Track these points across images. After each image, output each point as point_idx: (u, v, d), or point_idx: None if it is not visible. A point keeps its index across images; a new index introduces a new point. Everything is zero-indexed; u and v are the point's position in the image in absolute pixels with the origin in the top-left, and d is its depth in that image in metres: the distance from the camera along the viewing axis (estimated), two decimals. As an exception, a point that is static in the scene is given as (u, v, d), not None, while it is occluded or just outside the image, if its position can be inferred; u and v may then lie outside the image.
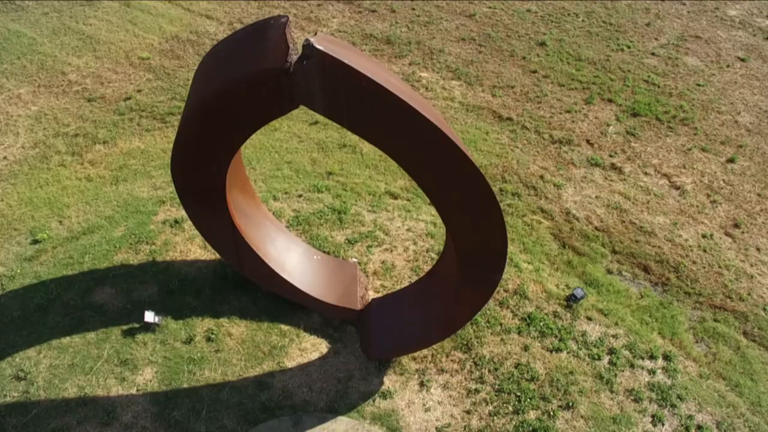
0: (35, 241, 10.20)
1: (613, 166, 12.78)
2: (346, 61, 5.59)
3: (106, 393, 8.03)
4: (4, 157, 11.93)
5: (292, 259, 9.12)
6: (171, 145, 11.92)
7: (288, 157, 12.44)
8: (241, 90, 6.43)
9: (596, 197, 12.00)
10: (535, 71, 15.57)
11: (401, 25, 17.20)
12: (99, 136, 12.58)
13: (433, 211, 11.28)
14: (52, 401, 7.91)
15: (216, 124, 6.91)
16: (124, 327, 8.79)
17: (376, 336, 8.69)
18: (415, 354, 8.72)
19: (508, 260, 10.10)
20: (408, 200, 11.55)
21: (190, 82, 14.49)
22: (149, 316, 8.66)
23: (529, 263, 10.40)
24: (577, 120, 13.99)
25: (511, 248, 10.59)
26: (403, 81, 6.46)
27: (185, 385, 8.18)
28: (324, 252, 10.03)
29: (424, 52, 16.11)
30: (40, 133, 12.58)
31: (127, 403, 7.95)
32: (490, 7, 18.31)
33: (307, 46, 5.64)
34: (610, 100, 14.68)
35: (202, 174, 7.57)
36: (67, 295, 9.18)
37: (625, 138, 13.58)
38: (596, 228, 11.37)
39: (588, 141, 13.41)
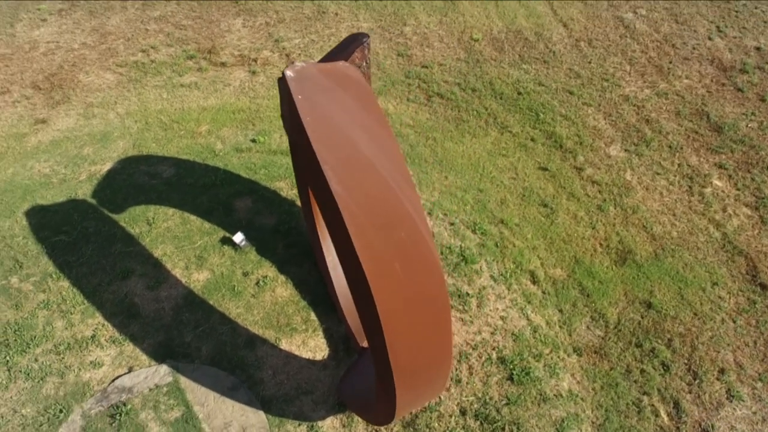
0: (253, 140, 12.44)
1: None
2: (298, 98, 5.46)
3: (170, 268, 9.88)
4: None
5: (351, 267, 9.22)
6: (416, 122, 12.89)
7: (486, 185, 11.89)
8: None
9: (775, 445, 8.41)
10: None
11: (754, 119, 13.61)
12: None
13: (549, 319, 9.65)
14: (143, 249, 10.14)
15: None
16: (226, 235, 10.39)
17: (348, 379, 8.41)
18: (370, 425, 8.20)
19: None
20: (543, 292, 10.05)
21: (490, 78, 14.61)
22: (238, 238, 10.05)
23: (583, 441, 8.25)
24: None
25: (587, 412, 8.59)
26: (389, 152, 5.70)
27: (210, 302, 9.46)
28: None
29: (746, 157, 12.66)
30: (340, 64, 14.61)
31: (173, 284, 9.68)
32: None
33: (287, 69, 5.71)
34: None
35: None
36: (223, 189, 11.19)
37: None
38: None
39: None
